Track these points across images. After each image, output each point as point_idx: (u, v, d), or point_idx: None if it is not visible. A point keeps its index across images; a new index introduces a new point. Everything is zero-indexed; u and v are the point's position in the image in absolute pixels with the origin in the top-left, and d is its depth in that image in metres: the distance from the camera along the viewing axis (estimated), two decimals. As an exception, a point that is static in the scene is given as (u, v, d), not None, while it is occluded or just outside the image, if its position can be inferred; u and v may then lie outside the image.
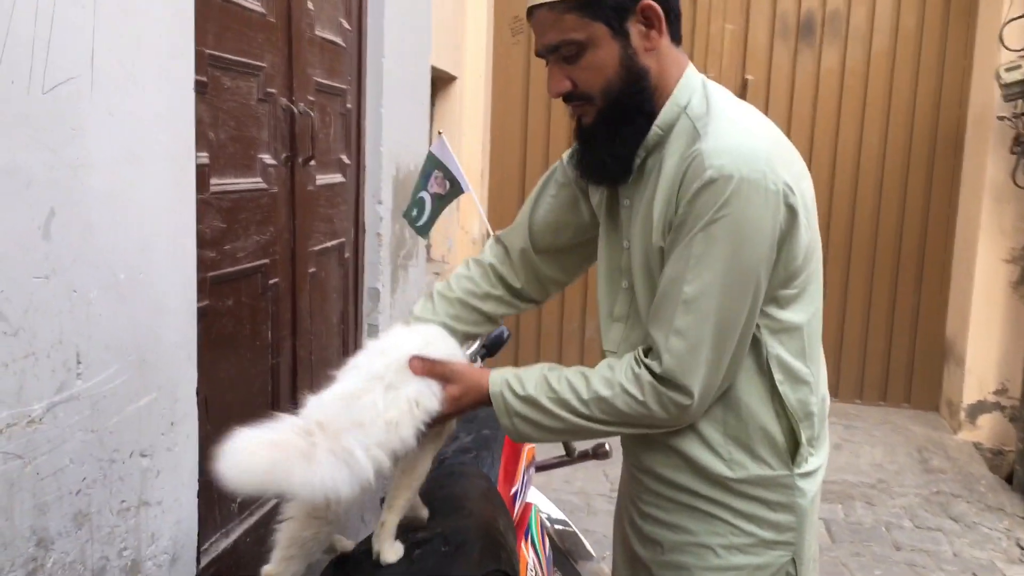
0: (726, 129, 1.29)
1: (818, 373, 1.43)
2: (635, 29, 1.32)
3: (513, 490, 1.98)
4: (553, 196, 1.63)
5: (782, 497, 1.38)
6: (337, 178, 2.98)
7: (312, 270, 2.75)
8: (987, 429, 5.08)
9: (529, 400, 1.37)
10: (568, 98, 1.39)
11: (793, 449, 1.38)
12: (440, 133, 2.17)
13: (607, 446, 2.42)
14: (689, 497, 1.41)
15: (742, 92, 5.40)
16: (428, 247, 4.84)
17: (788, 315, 1.36)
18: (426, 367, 1.36)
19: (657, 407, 1.32)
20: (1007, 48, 4.69)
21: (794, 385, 1.37)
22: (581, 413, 1.36)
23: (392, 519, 1.37)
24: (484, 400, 1.40)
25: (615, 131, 1.37)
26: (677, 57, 1.39)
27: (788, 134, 5.21)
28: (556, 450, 2.44)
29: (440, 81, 4.77)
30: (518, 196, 5.45)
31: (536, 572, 1.97)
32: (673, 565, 1.43)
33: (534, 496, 2.45)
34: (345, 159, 3.06)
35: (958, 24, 5.23)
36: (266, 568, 1.30)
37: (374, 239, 3.30)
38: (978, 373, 5.09)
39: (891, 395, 5.61)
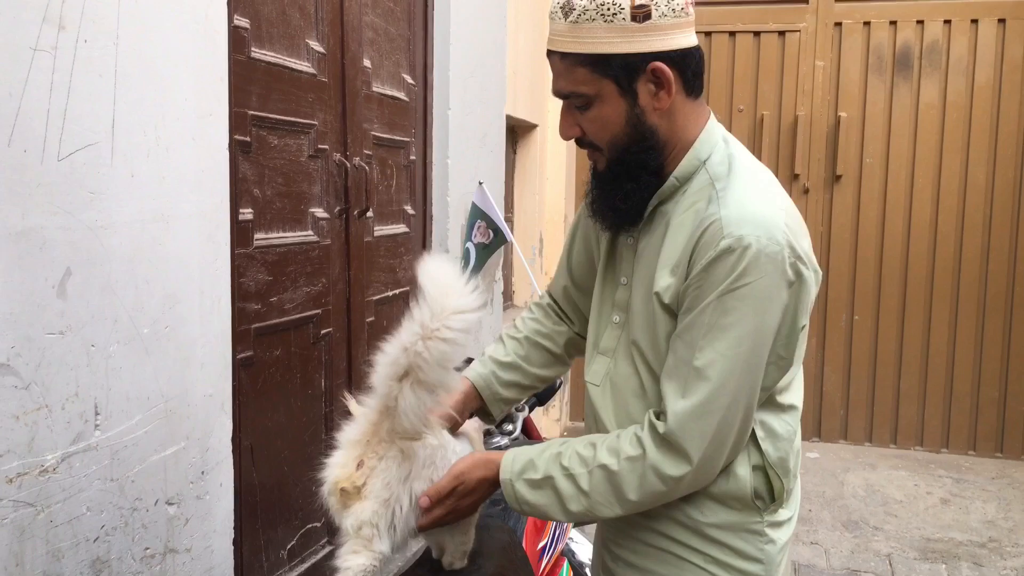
0: (745, 196, 1.28)
1: (796, 430, 1.42)
2: (644, 88, 1.31)
3: (541, 544, 1.94)
4: (583, 236, 1.63)
5: (751, 546, 1.37)
6: (400, 228, 3.04)
7: (371, 319, 2.80)
8: (1116, 485, 4.67)
9: (539, 483, 1.36)
10: (579, 143, 1.41)
11: (768, 498, 1.37)
12: (481, 183, 2.18)
13: None
14: (662, 540, 1.40)
15: (835, 130, 5.23)
16: (512, 294, 4.86)
17: (780, 378, 1.35)
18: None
19: (653, 475, 1.29)
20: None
21: (775, 442, 1.37)
22: (583, 488, 1.33)
23: None
24: (492, 478, 1.39)
25: (620, 186, 1.37)
26: (696, 111, 1.37)
27: (886, 172, 5.15)
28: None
29: (520, 129, 4.82)
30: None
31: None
32: None
33: (585, 548, 2.39)
34: (409, 209, 3.11)
35: (1070, 51, 4.94)
36: None
37: (441, 287, 3.33)
38: (1104, 424, 4.71)
39: (1008, 446, 5.24)
